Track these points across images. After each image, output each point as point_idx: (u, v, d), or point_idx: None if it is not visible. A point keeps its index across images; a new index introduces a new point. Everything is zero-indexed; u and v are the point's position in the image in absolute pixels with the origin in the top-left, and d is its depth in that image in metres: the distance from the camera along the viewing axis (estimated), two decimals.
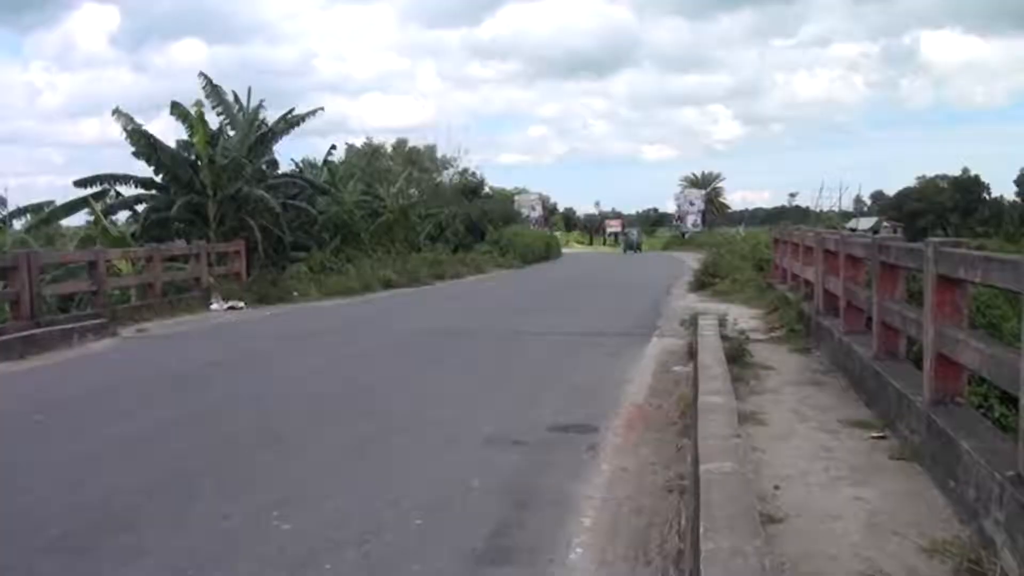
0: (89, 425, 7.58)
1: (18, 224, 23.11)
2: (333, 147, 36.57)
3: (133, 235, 21.48)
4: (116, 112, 21.62)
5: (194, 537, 4.82)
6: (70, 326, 12.76)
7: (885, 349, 7.17)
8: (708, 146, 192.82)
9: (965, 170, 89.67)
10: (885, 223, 74.97)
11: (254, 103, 24.42)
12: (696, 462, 4.87)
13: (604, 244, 63.08)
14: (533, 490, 5.50)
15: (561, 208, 78.63)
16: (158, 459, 6.41)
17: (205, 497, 5.51)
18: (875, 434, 6.17)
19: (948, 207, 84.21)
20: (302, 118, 24.11)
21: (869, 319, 8.06)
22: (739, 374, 8.20)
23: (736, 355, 8.84)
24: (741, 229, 48.73)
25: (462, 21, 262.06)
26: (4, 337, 11.61)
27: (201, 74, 23.38)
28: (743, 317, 12.83)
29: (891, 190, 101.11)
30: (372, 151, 41.35)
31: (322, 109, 25.59)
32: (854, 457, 5.69)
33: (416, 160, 44.38)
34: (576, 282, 24.60)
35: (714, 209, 79.37)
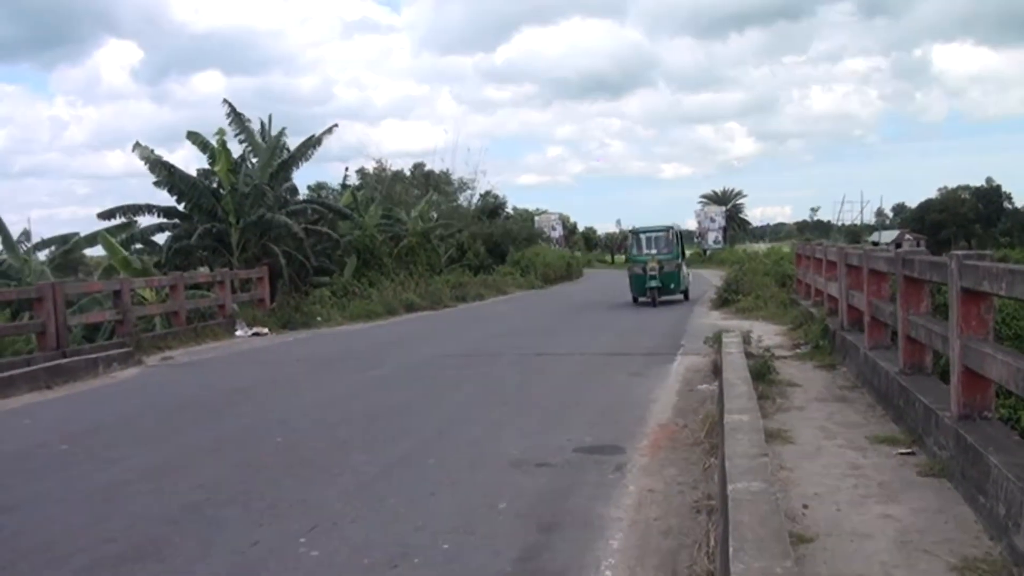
0: (115, 454, 7.63)
1: (42, 255, 23.44)
2: (347, 169, 36.98)
3: (157, 264, 21.69)
4: (137, 146, 21.89)
5: (220, 565, 4.83)
6: (96, 355, 12.90)
7: (911, 364, 7.12)
8: (725, 163, 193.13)
9: (989, 180, 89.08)
10: (907, 236, 74.52)
11: (276, 130, 24.72)
12: (724, 482, 4.85)
13: (626, 262, 62.88)
14: (560, 512, 5.49)
15: (581, 227, 78.60)
16: (184, 487, 6.44)
17: (232, 524, 5.53)
18: (903, 450, 6.12)
19: (970, 218, 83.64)
20: (318, 138, 24.27)
21: (894, 334, 8.02)
22: (765, 391, 8.15)
23: (761, 372, 8.79)
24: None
25: (477, 47, 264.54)
26: (31, 368, 11.73)
27: (225, 101, 23.63)
28: (767, 334, 12.77)
29: (912, 202, 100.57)
30: (392, 176, 41.57)
31: (336, 125, 25.90)
32: (882, 474, 5.64)
33: (435, 183, 44.53)
34: (599, 302, 24.56)
35: (735, 225, 79.18)
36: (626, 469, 6.41)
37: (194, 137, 22.47)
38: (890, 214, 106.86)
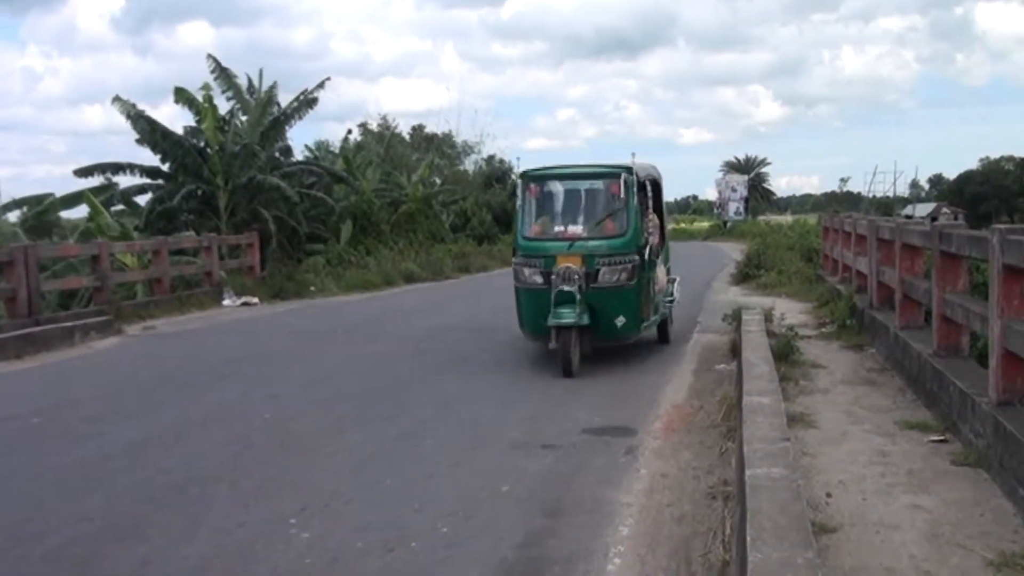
0: (92, 429, 7.65)
1: (13, 216, 23.33)
2: (349, 131, 36.72)
3: (137, 228, 21.62)
4: (117, 99, 21.76)
5: (205, 547, 4.86)
6: (72, 324, 12.89)
7: (946, 345, 7.10)
8: (749, 128, 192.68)
9: None
10: (945, 209, 74.25)
11: (266, 86, 24.51)
12: (741, 467, 4.85)
13: None
14: (566, 497, 5.51)
15: None
16: (167, 464, 6.47)
17: (218, 504, 5.56)
18: (935, 437, 6.11)
19: (1014, 191, 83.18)
20: (312, 94, 24.06)
21: (928, 313, 8.00)
22: (787, 373, 8.16)
23: (783, 352, 8.79)
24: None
25: (483, 0, 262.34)
26: (0, 335, 11.72)
27: (209, 56, 23.42)
28: (791, 311, 12.75)
29: (951, 173, 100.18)
30: (389, 136, 41.38)
31: (329, 79, 25.46)
32: (912, 462, 5.64)
33: (437, 146, 44.37)
34: None
35: (758, 195, 78.91)
36: (637, 452, 6.43)
37: (181, 94, 22.29)
38: (926, 186, 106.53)
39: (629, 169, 9.76)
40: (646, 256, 9.70)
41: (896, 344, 8.54)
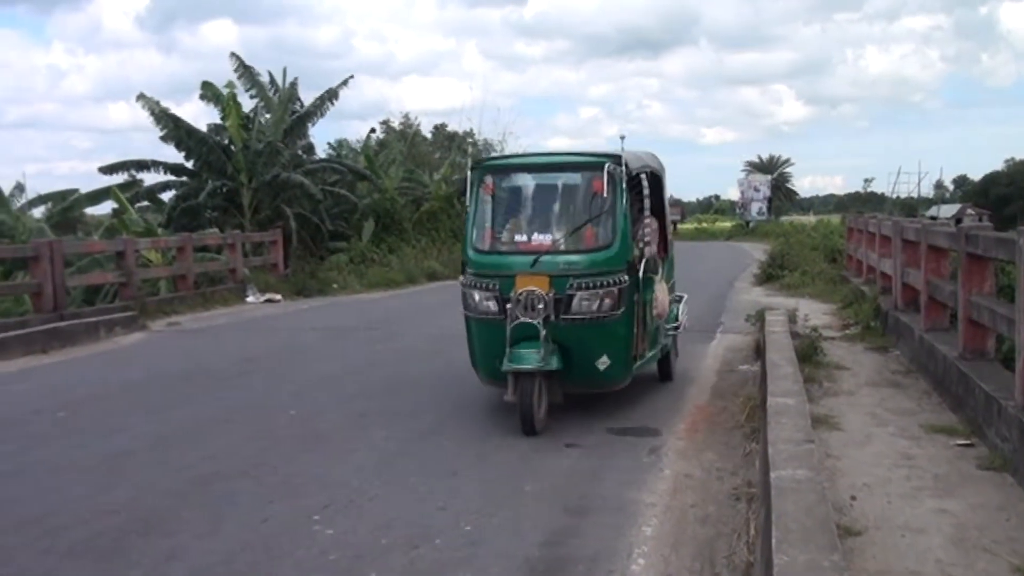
0: (118, 423, 7.74)
1: (38, 212, 23.53)
2: (372, 130, 36.81)
3: (160, 225, 21.78)
4: (141, 97, 21.92)
5: (230, 541, 4.90)
6: (96, 319, 13.01)
7: (971, 348, 7.05)
8: (772, 128, 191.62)
9: None
10: (970, 210, 73.52)
11: (288, 83, 24.62)
12: (766, 468, 4.84)
13: None
14: (590, 496, 5.52)
15: None
16: (191, 459, 6.52)
17: (242, 499, 5.61)
18: (961, 441, 6.07)
19: None
20: (334, 91, 24.18)
21: (953, 315, 7.94)
22: (811, 374, 8.12)
23: (807, 353, 8.75)
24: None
25: None
26: (26, 330, 11.85)
27: (233, 55, 23.51)
28: (814, 312, 12.68)
29: (976, 174, 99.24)
30: (412, 135, 41.46)
31: (352, 77, 25.70)
32: (938, 466, 5.61)
33: (459, 144, 44.41)
34: None
35: (781, 195, 78.48)
36: (661, 452, 6.43)
37: (208, 88, 22.42)
38: (950, 187, 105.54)
39: (617, 158, 7.33)
40: (640, 273, 7.33)
41: (921, 346, 8.49)
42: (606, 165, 7.18)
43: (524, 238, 7.37)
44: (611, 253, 7.10)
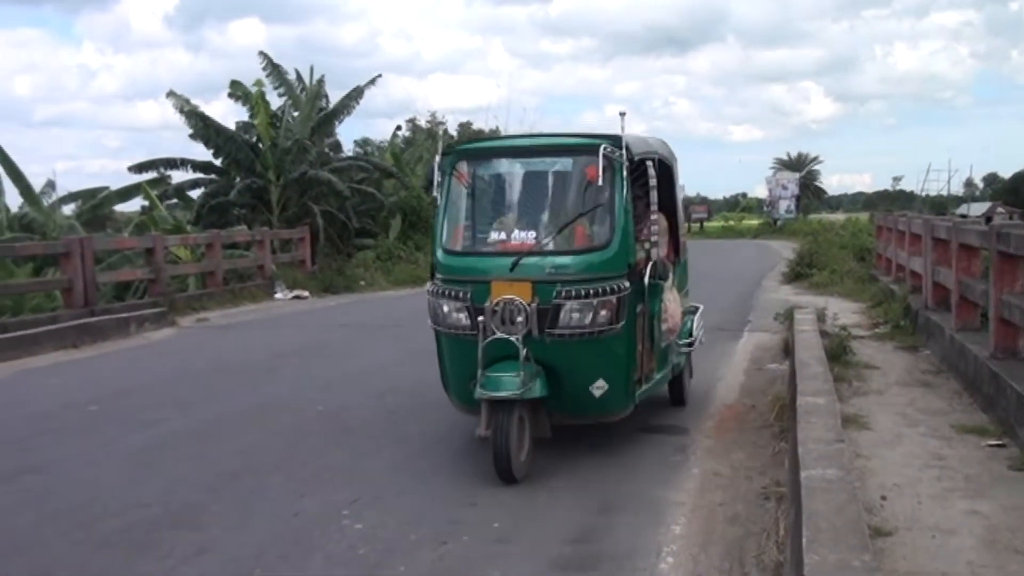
0: (148, 417, 7.81)
1: (68, 209, 23.78)
2: (399, 127, 36.89)
3: (189, 222, 21.97)
4: (170, 94, 22.13)
5: (260, 535, 4.95)
6: (127, 315, 13.18)
7: (1003, 347, 6.99)
8: (800, 125, 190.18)
9: None
10: (1000, 209, 72.68)
11: (315, 81, 24.74)
12: (796, 468, 4.82)
13: (690, 231, 61.68)
14: (619, 494, 5.52)
15: None
16: (221, 453, 6.59)
17: (272, 493, 5.65)
18: (992, 442, 6.02)
19: None
20: (361, 89, 24.31)
21: (984, 314, 7.88)
22: (840, 373, 8.07)
23: (836, 352, 8.69)
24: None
25: None
26: (57, 325, 12.03)
27: (261, 53, 23.67)
28: (843, 311, 12.60)
29: (1006, 172, 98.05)
30: (440, 133, 41.52)
31: (380, 76, 25.84)
32: (969, 467, 5.56)
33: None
34: None
35: (810, 193, 77.95)
36: (689, 451, 6.42)
37: (236, 87, 22.60)
38: (980, 184, 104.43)
39: (616, 141, 6.09)
40: (645, 279, 6.23)
41: (952, 346, 8.42)
42: (602, 147, 5.91)
43: (502, 236, 6.16)
44: (608, 255, 5.92)
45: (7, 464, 6.41)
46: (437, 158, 6.39)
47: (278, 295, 17.57)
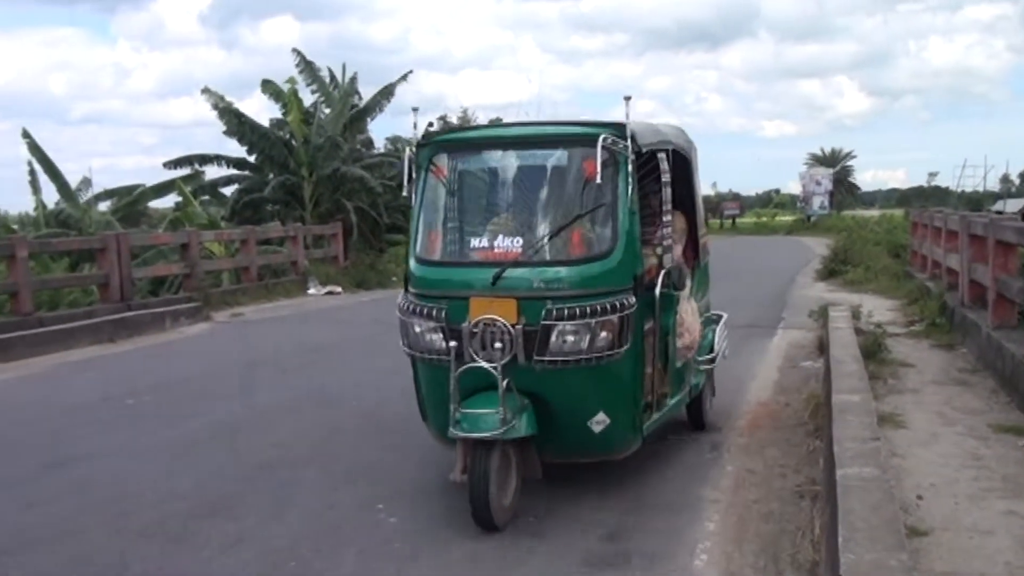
0: (184, 410, 7.92)
1: (103, 206, 24.06)
2: (430, 124, 36.93)
3: (223, 218, 22.16)
4: (205, 91, 22.34)
5: (296, 527, 5.01)
6: (162, 310, 13.33)
7: None
8: (833, 121, 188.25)
9: None
10: None
11: (348, 78, 24.83)
12: (831, 466, 4.79)
13: (722, 227, 61.16)
14: (652, 491, 5.52)
15: None
16: (256, 446, 6.65)
17: (307, 486, 5.72)
18: None
19: None
20: (393, 87, 24.38)
21: (1022, 312, 7.78)
22: (875, 371, 7.99)
23: (871, 350, 8.61)
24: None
25: None
26: (94, 320, 12.19)
27: (294, 50, 23.81)
28: (878, 308, 12.48)
29: None
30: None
31: (411, 72, 25.83)
32: (1007, 466, 5.49)
33: None
34: None
35: (843, 189, 77.25)
36: (723, 448, 6.40)
37: (268, 86, 22.78)
38: (1017, 180, 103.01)
39: (620, 128, 5.16)
40: (656, 292, 5.39)
41: (989, 344, 8.32)
42: (601, 137, 5.00)
43: (484, 244, 5.24)
44: (610, 265, 5.02)
45: (47, 455, 6.52)
46: (409, 150, 5.57)
47: (311, 291, 17.68)
